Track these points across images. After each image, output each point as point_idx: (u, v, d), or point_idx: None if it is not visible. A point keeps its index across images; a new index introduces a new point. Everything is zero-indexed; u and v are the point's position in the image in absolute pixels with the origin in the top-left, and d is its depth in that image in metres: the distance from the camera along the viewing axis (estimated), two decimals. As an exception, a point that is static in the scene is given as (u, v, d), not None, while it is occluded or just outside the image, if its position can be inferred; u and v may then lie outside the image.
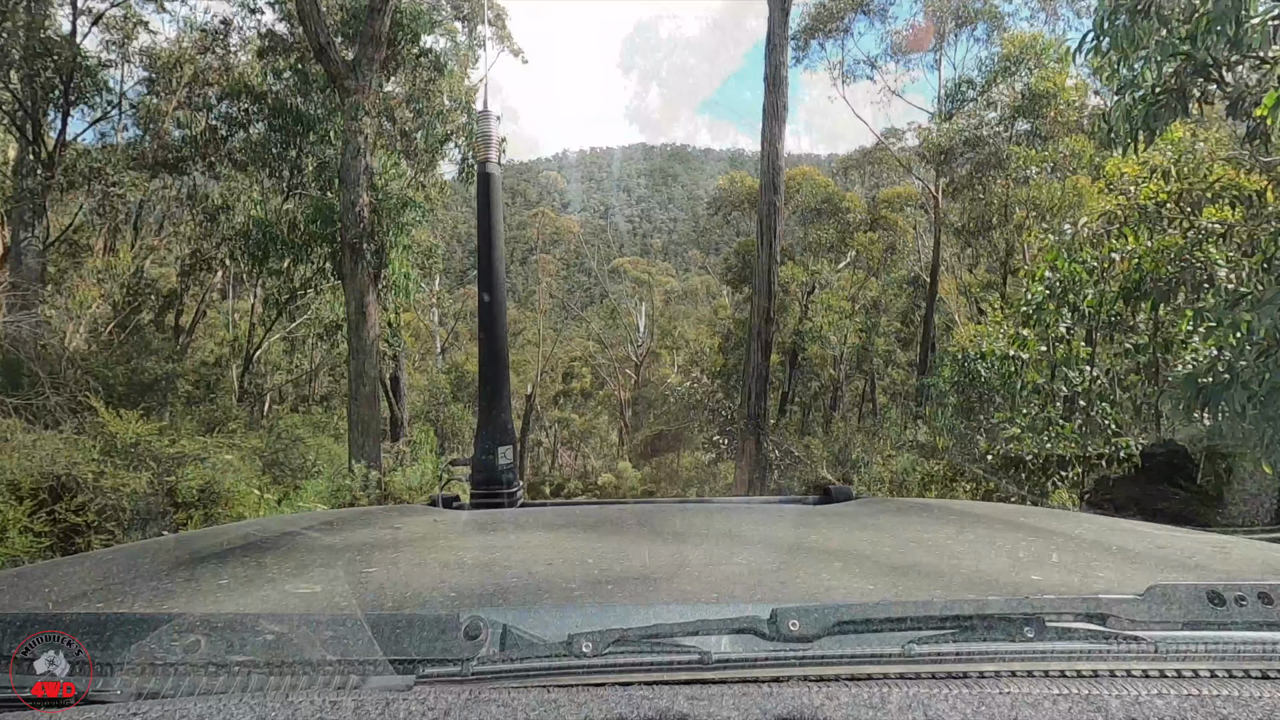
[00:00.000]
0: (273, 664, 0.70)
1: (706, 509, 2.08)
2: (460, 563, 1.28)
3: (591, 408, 50.39)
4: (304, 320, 16.89)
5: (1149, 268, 4.84)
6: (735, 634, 0.74)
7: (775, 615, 0.74)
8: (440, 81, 11.09)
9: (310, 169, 11.78)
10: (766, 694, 0.65)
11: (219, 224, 12.81)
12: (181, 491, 6.87)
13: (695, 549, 1.40)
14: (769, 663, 0.70)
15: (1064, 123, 12.99)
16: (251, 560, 1.18)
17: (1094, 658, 0.72)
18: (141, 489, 6.65)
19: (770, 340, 12.94)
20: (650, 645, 0.72)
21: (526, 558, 1.33)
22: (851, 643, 0.73)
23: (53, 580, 1.05)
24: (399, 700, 0.64)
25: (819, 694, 0.65)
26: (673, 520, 1.77)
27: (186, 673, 0.69)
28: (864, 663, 0.71)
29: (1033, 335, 5.65)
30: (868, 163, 26.54)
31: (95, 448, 6.35)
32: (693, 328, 37.83)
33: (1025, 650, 0.72)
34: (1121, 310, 5.14)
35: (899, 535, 1.50)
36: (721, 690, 0.66)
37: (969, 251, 27.72)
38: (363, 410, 10.94)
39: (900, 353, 28.87)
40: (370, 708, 0.63)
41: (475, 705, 0.64)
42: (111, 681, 0.69)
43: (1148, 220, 4.99)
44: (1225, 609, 0.77)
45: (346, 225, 10.47)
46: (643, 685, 0.67)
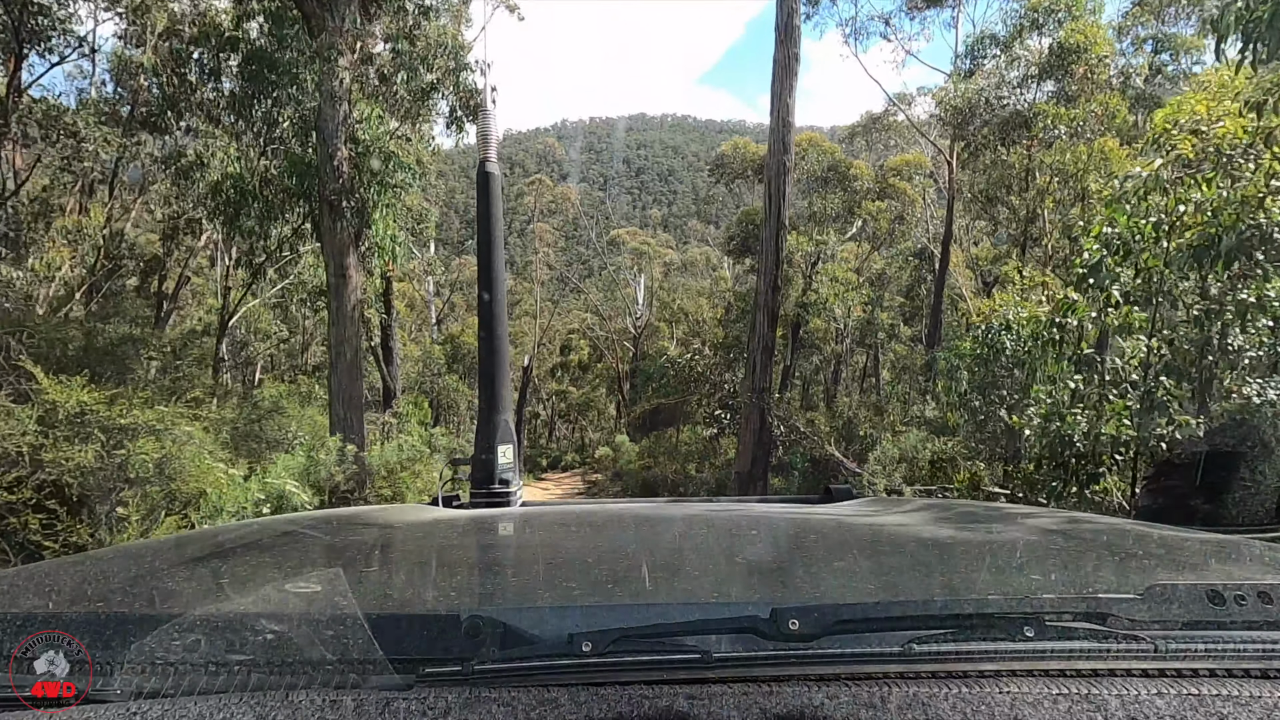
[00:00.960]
0: (273, 663, 0.70)
1: (707, 509, 2.02)
2: (460, 562, 1.28)
3: (589, 380, 50.19)
4: (287, 285, 16.15)
5: (1228, 220, 4.17)
6: (735, 633, 0.74)
7: (775, 615, 0.73)
8: (426, 25, 10.25)
9: (287, 121, 10.96)
10: (766, 693, 0.66)
11: (193, 182, 12.01)
12: (134, 466, 6.23)
13: (695, 548, 1.38)
14: (769, 662, 0.71)
15: (1094, 80, 12.17)
16: (251, 560, 1.18)
17: (1094, 657, 0.72)
18: (89, 463, 6.02)
19: (777, 309, 12.26)
20: (650, 644, 0.72)
21: (526, 557, 1.34)
22: (851, 642, 0.73)
23: (53, 580, 1.05)
24: (399, 699, 0.65)
25: (819, 693, 0.65)
26: (673, 520, 1.74)
27: (187, 672, 0.69)
28: (864, 662, 0.71)
29: (1084, 300, 5.00)
30: (876, 129, 25.56)
31: (32, 418, 5.71)
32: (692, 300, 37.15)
33: (1025, 650, 0.72)
34: (1189, 271, 4.48)
35: (899, 535, 1.47)
36: (721, 689, 0.66)
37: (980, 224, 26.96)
38: (344, 380, 10.29)
39: (904, 327, 28.27)
40: (370, 707, 0.64)
41: (475, 704, 0.65)
42: (111, 681, 0.69)
43: (1226, 166, 4.31)
44: (1225, 608, 0.76)
45: (324, 180, 9.71)
46: (643, 684, 0.68)
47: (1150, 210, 4.53)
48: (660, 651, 0.71)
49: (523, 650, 0.71)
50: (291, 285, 15.70)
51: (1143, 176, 4.53)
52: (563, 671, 0.69)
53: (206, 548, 1.29)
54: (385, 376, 19.94)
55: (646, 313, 41.00)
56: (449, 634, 0.73)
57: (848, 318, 21.60)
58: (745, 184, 28.14)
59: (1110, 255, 4.68)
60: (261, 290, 15.96)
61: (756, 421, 12.31)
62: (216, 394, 11.24)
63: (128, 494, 5.80)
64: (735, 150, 25.85)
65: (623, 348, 41.94)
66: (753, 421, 12.35)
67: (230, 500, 6.58)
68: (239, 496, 6.69)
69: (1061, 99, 12.75)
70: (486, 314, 2.39)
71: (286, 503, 6.94)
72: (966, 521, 1.60)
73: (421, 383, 30.77)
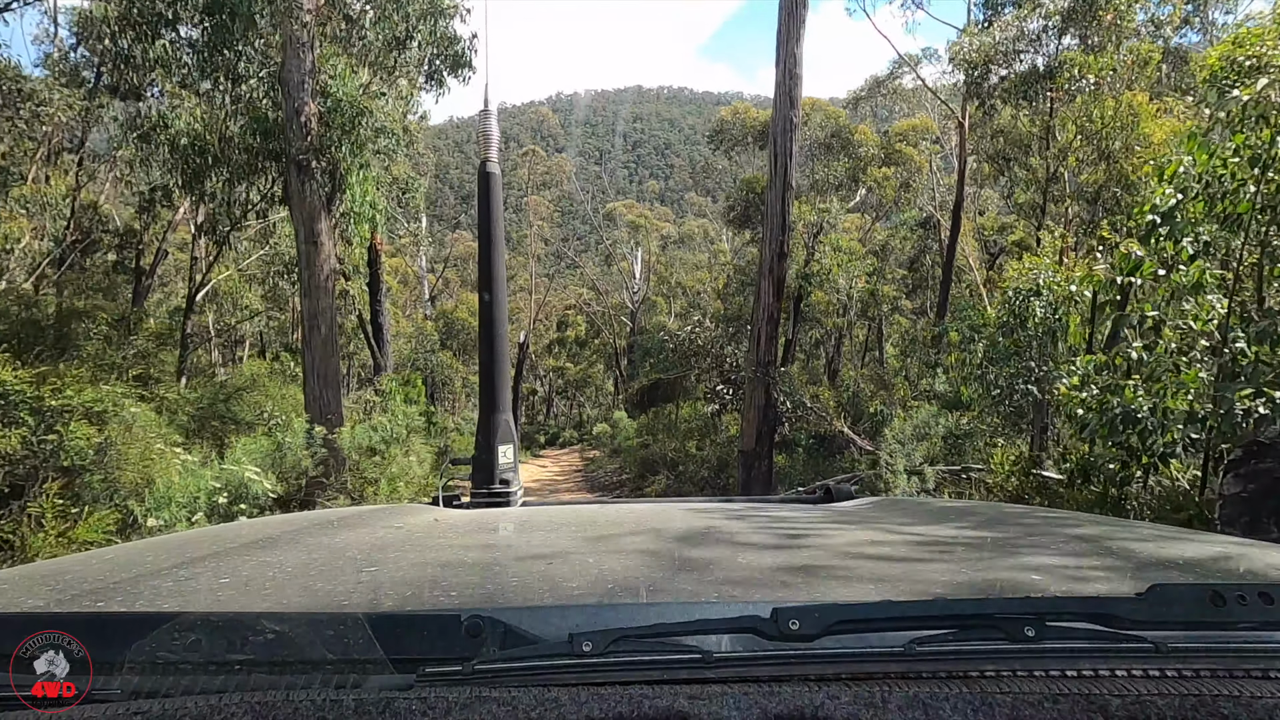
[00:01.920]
0: (273, 663, 0.70)
1: (707, 508, 2.03)
2: (461, 562, 1.28)
3: (586, 356, 49.82)
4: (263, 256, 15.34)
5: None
6: (736, 633, 0.74)
7: (776, 614, 0.73)
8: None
9: (254, 77, 10.10)
10: (767, 693, 0.66)
11: (155, 145, 11.15)
12: (70, 452, 5.55)
13: (696, 548, 1.36)
14: (769, 662, 0.71)
15: (1122, 29, 11.32)
16: (251, 559, 1.17)
17: (1095, 657, 0.72)
18: (14, 449, 5.33)
19: (783, 278, 11.51)
20: (651, 644, 0.72)
21: (526, 557, 1.33)
22: (852, 642, 0.73)
23: (53, 580, 1.04)
24: (400, 699, 0.65)
25: (819, 693, 0.65)
26: (673, 520, 1.71)
27: (187, 672, 0.70)
28: (864, 662, 0.71)
29: (1150, 255, 4.27)
30: (881, 94, 24.55)
31: (-61, 400, 5.03)
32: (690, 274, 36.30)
33: (1025, 650, 0.72)
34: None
35: (899, 535, 1.46)
36: (722, 689, 0.67)
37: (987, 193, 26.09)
38: (318, 355, 9.58)
39: (905, 301, 27.53)
40: (371, 707, 0.64)
41: (476, 704, 0.65)
42: (111, 681, 0.69)
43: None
44: (1226, 609, 0.75)
45: (289, 138, 8.90)
46: (643, 684, 0.68)
47: (1241, 147, 3.80)
48: (660, 651, 0.71)
49: (523, 650, 0.72)
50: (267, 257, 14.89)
51: (1242, 100, 3.77)
52: (563, 671, 0.69)
53: (206, 548, 1.28)
54: (376, 353, 19.23)
55: (644, 287, 40.52)
56: (449, 634, 0.73)
57: (851, 289, 20.82)
58: (745, 153, 27.11)
59: (1189, 200, 3.96)
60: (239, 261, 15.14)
61: (761, 397, 11.62)
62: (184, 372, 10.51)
63: (50, 487, 5.11)
64: (735, 116, 24.85)
65: (620, 323, 41.51)
66: (757, 397, 11.67)
67: (181, 490, 5.90)
68: (191, 485, 6.02)
69: (1086, 50, 11.88)
70: (486, 314, 2.41)
71: (246, 491, 6.27)
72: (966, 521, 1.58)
73: (415, 360, 30.20)
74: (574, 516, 1.85)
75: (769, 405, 11.71)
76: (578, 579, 1.08)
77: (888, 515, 1.75)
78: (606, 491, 21.43)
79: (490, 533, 1.60)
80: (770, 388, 11.62)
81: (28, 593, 0.98)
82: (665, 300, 38.92)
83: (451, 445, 23.61)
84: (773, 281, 11.31)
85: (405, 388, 20.94)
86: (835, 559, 1.23)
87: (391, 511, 1.87)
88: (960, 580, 1.08)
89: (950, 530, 1.49)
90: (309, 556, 1.23)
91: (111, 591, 0.96)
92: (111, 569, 1.10)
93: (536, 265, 44.16)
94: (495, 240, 2.40)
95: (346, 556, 1.24)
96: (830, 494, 2.19)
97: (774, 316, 11.48)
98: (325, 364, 9.63)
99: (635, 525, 1.68)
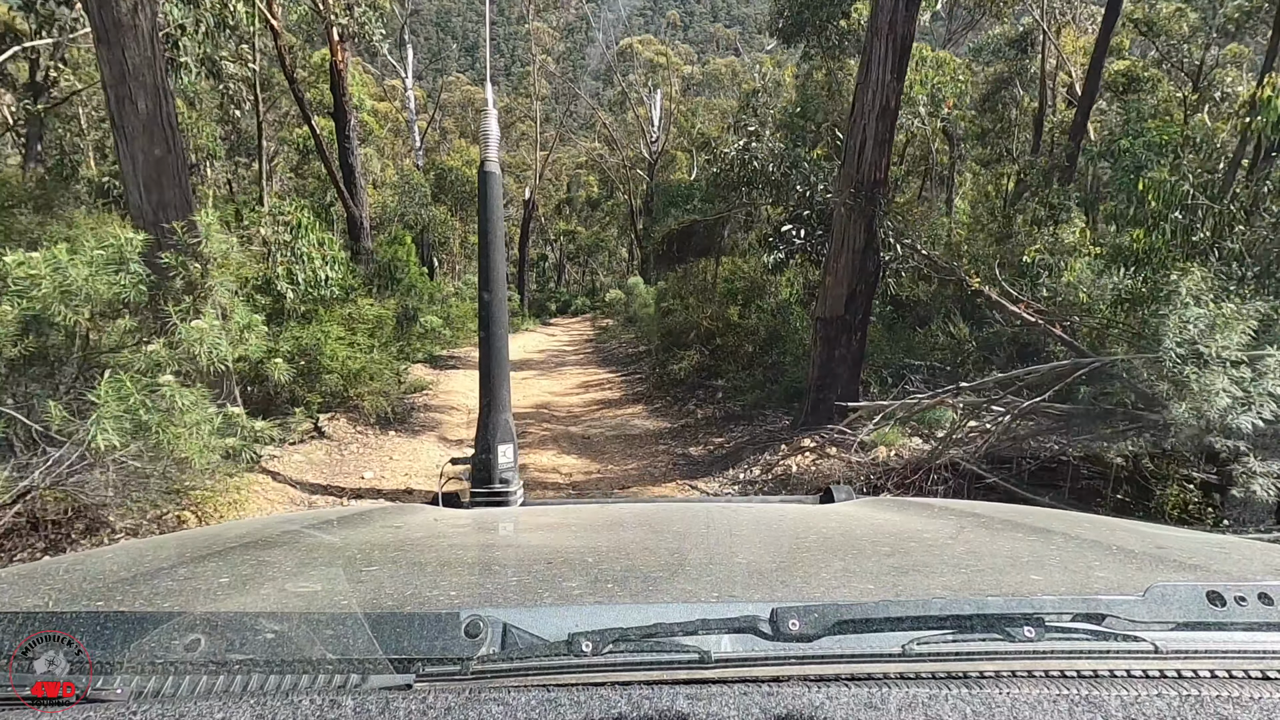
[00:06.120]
0: (273, 663, 0.70)
1: (707, 508, 2.02)
2: (460, 562, 1.26)
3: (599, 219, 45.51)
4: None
5: None
6: (735, 634, 0.73)
7: (775, 615, 0.73)
8: None
9: None
10: (766, 694, 0.65)
11: None
12: None
13: (695, 548, 1.33)
14: (769, 662, 0.70)
15: None
16: (251, 559, 1.14)
17: (1094, 658, 0.71)
18: None
19: (911, 37, 7.17)
20: (650, 645, 0.71)
21: (526, 557, 1.31)
22: (851, 643, 0.72)
23: (53, 580, 1.02)
24: (399, 699, 0.64)
25: (819, 694, 0.65)
26: (673, 519, 1.70)
27: (187, 672, 0.69)
28: (864, 662, 0.70)
29: None
30: None
31: None
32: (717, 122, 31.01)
33: (1025, 650, 0.71)
34: None
35: (899, 535, 1.41)
36: (721, 690, 0.66)
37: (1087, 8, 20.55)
38: (138, 148, 5.66)
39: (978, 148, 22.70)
40: (371, 707, 0.63)
41: (475, 704, 0.64)
42: (111, 681, 0.68)
43: None
44: (1225, 609, 0.75)
45: None
46: (643, 685, 0.67)
47: None
48: (660, 651, 0.71)
49: (523, 650, 0.71)
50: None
51: None
52: (563, 671, 0.69)
53: (207, 546, 1.26)
54: (348, 202, 15.21)
55: (663, 137, 35.68)
56: (449, 634, 0.72)
57: (937, 116, 16.18)
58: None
59: None
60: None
61: (859, 237, 7.67)
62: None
63: None
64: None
65: (636, 178, 36.96)
66: (853, 237, 7.72)
67: None
68: None
69: None
70: (486, 314, 2.42)
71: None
72: (966, 521, 1.57)
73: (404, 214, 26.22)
74: (574, 516, 1.83)
75: (869, 250, 7.77)
76: (577, 579, 1.02)
77: (887, 515, 1.70)
78: (621, 367, 18.07)
79: (490, 533, 1.59)
80: (873, 221, 7.63)
81: (28, 592, 0.94)
82: (686, 155, 34.25)
83: (451, 312, 20.13)
84: (893, 45, 7.00)
85: (393, 246, 17.27)
86: (835, 559, 1.20)
87: (391, 511, 1.80)
88: (959, 580, 1.02)
89: (949, 530, 1.45)
90: (309, 556, 1.20)
91: (111, 591, 0.92)
92: (111, 569, 1.07)
93: (540, 106, 38.63)
94: (495, 240, 2.43)
95: (345, 556, 1.19)
96: (830, 494, 2.17)
97: (890, 107, 7.25)
98: (156, 164, 5.71)
99: (635, 525, 1.64)
